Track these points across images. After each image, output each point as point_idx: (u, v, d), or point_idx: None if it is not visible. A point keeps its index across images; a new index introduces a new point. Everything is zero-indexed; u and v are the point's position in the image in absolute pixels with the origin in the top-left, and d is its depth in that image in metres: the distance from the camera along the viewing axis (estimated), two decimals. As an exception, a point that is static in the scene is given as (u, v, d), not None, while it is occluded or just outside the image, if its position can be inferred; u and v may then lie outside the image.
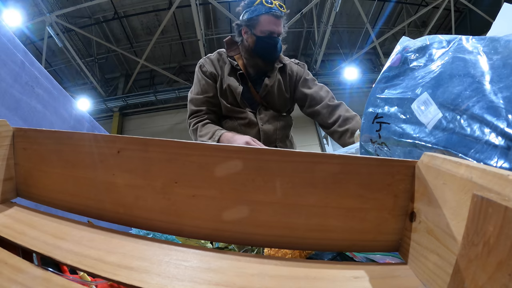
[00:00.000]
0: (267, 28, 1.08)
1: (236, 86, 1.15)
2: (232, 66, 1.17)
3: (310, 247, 0.37)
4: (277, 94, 1.20)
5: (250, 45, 1.12)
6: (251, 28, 1.10)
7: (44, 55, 5.91)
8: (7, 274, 0.26)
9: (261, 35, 1.09)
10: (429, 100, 0.43)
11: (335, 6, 5.41)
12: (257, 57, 1.13)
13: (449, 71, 0.43)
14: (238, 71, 1.17)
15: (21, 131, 0.41)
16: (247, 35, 1.13)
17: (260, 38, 1.09)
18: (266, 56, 1.13)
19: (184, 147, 0.34)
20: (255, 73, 1.18)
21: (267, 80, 1.16)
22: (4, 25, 0.83)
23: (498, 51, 0.40)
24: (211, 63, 1.19)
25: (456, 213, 0.23)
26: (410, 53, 0.52)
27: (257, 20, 1.08)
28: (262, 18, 1.07)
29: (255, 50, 1.12)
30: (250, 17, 1.09)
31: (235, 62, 1.17)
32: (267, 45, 1.10)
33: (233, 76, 1.17)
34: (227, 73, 1.16)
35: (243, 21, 1.12)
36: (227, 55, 1.20)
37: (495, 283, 0.16)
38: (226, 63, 1.19)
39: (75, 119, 1.17)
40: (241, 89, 1.14)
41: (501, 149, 0.33)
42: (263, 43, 1.10)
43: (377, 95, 0.53)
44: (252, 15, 1.08)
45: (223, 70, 1.18)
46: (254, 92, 1.18)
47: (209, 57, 1.22)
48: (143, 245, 0.32)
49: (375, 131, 0.50)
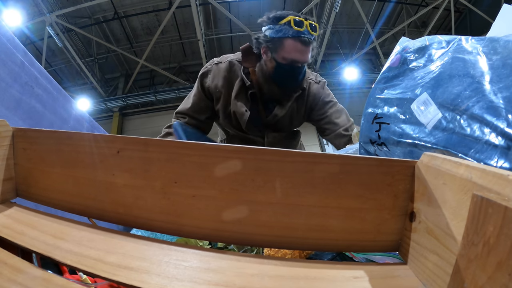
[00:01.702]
0: (291, 56, 0.89)
1: (242, 112, 0.99)
2: (244, 84, 1.00)
3: (310, 247, 0.37)
4: (288, 121, 1.07)
5: (268, 70, 0.94)
6: (272, 51, 0.91)
7: (44, 55, 5.91)
8: (6, 274, 0.26)
9: (283, 62, 0.90)
10: (428, 100, 0.43)
11: (335, 6, 5.41)
12: (274, 84, 0.95)
13: (449, 71, 0.43)
14: (250, 89, 1.00)
15: (21, 131, 0.41)
16: (266, 56, 0.94)
17: (280, 65, 0.91)
18: (285, 86, 0.96)
19: (184, 147, 0.34)
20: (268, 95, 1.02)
21: (277, 110, 1.01)
22: (4, 25, 0.83)
23: (497, 51, 0.40)
24: (218, 74, 1.02)
25: (456, 213, 0.23)
26: (410, 54, 0.52)
27: (280, 43, 0.89)
28: (287, 43, 0.88)
29: (273, 76, 0.94)
30: (273, 36, 0.90)
31: (248, 81, 0.99)
32: (288, 75, 0.93)
33: (243, 95, 1.00)
34: (235, 94, 1.00)
35: (264, 39, 0.93)
36: (241, 66, 1.01)
37: (495, 283, 0.16)
38: (238, 78, 1.00)
39: (75, 119, 1.17)
40: (248, 116, 0.99)
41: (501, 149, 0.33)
42: (283, 72, 0.92)
43: (377, 96, 0.53)
44: (276, 35, 0.89)
45: (231, 86, 1.00)
46: (263, 115, 1.04)
47: (218, 65, 1.03)
48: (143, 245, 0.32)
49: (374, 132, 0.50)
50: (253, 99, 1.02)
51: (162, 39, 6.74)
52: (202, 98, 1.05)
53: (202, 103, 1.05)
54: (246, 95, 1.00)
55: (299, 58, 0.90)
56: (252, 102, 1.01)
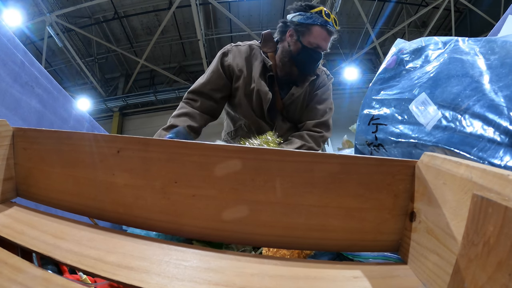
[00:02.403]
0: (317, 41, 1.00)
1: (266, 92, 1.05)
2: (265, 65, 1.07)
3: (310, 247, 0.37)
4: (300, 105, 1.12)
5: (292, 51, 1.03)
6: (299, 34, 1.01)
7: (44, 55, 5.91)
8: (7, 274, 0.26)
9: (308, 46, 1.01)
10: (427, 100, 0.43)
11: (335, 6, 5.40)
12: (295, 66, 1.05)
13: (447, 71, 0.43)
14: (269, 72, 1.07)
15: (21, 131, 0.41)
16: (292, 39, 1.03)
17: (305, 48, 1.01)
18: (305, 68, 1.06)
19: (184, 147, 0.34)
20: (285, 78, 1.09)
21: (294, 89, 1.09)
22: (4, 25, 0.83)
23: (495, 52, 0.40)
24: (238, 54, 1.08)
25: (456, 213, 0.23)
26: (406, 55, 0.52)
27: (309, 29, 1.00)
28: (315, 29, 1.00)
29: (295, 58, 1.03)
30: (303, 22, 1.01)
31: (269, 61, 1.06)
32: (310, 59, 1.03)
33: (263, 78, 1.07)
34: (258, 72, 1.06)
35: (293, 23, 1.03)
36: (260, 49, 1.09)
37: (495, 283, 0.16)
38: (258, 59, 1.08)
39: (75, 119, 1.17)
40: (271, 96, 1.06)
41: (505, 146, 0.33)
42: (306, 55, 1.02)
43: (373, 97, 0.53)
44: (306, 21, 1.00)
45: (252, 67, 1.07)
46: (279, 98, 1.10)
47: (238, 47, 1.10)
48: (143, 245, 0.32)
49: (371, 133, 0.50)
50: (270, 82, 1.08)
51: (162, 39, 6.73)
52: (221, 76, 1.07)
53: (221, 81, 1.07)
54: (265, 77, 1.07)
55: (323, 44, 1.01)
56: (269, 84, 1.07)
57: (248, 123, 1.13)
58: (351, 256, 0.44)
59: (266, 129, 1.10)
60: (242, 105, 1.10)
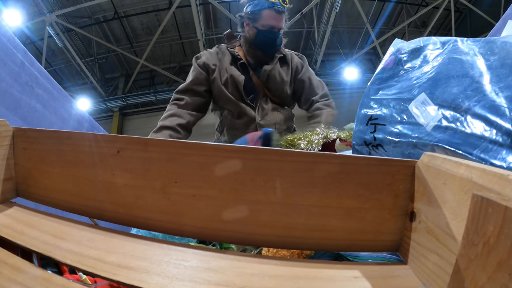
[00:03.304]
0: (268, 22, 1.12)
1: (237, 75, 1.18)
2: (233, 56, 1.21)
3: (310, 247, 0.37)
4: (278, 79, 1.23)
5: (251, 37, 1.17)
6: (253, 21, 1.15)
7: (44, 55, 5.91)
8: (7, 274, 0.26)
9: (262, 29, 1.13)
10: (427, 100, 0.43)
11: (335, 6, 5.41)
12: (257, 49, 1.18)
13: (446, 71, 0.43)
14: (239, 60, 1.20)
15: (21, 131, 0.41)
16: (248, 27, 1.17)
17: (260, 31, 1.14)
18: (266, 49, 1.18)
19: (184, 147, 0.34)
20: (255, 63, 1.22)
21: (266, 66, 1.20)
22: (4, 25, 0.83)
23: (494, 52, 0.40)
24: (208, 54, 1.23)
25: (456, 213, 0.23)
26: (404, 55, 0.52)
27: (259, 14, 1.12)
28: (264, 13, 1.12)
29: (255, 42, 1.16)
30: (253, 10, 1.14)
31: (236, 52, 1.21)
32: (267, 39, 1.15)
33: (234, 66, 1.20)
34: (228, 63, 1.20)
35: (246, 14, 1.17)
36: (226, 47, 1.24)
37: (495, 283, 0.16)
38: (226, 55, 1.22)
39: (75, 119, 1.17)
40: (243, 78, 1.17)
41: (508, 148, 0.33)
42: (263, 37, 1.14)
43: (371, 97, 0.53)
44: (255, 8, 1.13)
45: (223, 61, 1.21)
46: (256, 80, 1.21)
47: (207, 50, 1.26)
48: (143, 245, 0.32)
49: (369, 133, 0.50)
50: (244, 69, 1.21)
51: (162, 39, 6.73)
52: (200, 72, 1.20)
53: (201, 75, 1.20)
54: (237, 65, 1.21)
55: (274, 24, 1.13)
56: (243, 71, 1.21)
57: (231, 109, 1.22)
58: (351, 258, 0.44)
59: (248, 112, 1.20)
60: (222, 94, 1.20)
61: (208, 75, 1.20)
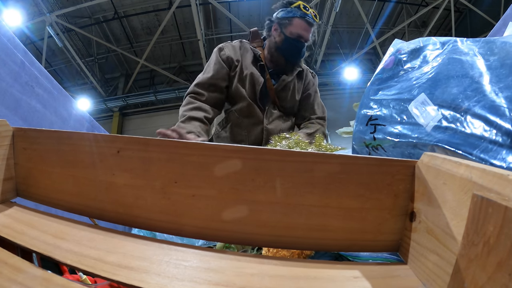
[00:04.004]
0: (297, 31, 1.12)
1: (258, 75, 1.17)
2: (255, 55, 1.20)
3: (310, 247, 0.37)
4: (291, 92, 1.24)
5: (277, 43, 1.16)
6: (282, 27, 1.14)
7: (44, 55, 5.91)
8: (7, 274, 0.26)
9: (290, 36, 1.13)
10: (427, 100, 0.43)
11: (335, 6, 5.40)
12: (281, 55, 1.17)
13: (446, 72, 0.43)
14: (260, 62, 1.19)
15: (21, 131, 0.41)
16: (276, 32, 1.16)
17: (288, 38, 1.13)
18: (289, 57, 1.17)
19: (184, 147, 0.34)
20: (274, 69, 1.22)
21: (285, 77, 1.21)
22: (4, 25, 0.83)
23: (494, 52, 0.40)
24: (232, 48, 1.21)
25: (456, 213, 0.23)
26: (404, 55, 0.52)
27: (290, 21, 1.12)
28: (295, 21, 1.12)
29: (280, 48, 1.16)
30: (284, 16, 1.13)
31: (258, 52, 1.20)
32: (293, 47, 1.15)
33: (254, 66, 1.19)
34: (250, 61, 1.19)
35: (276, 18, 1.16)
36: (250, 44, 1.23)
37: (495, 283, 0.16)
38: (248, 52, 1.21)
39: (75, 119, 1.17)
40: (263, 81, 1.17)
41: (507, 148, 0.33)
42: (289, 44, 1.14)
43: (371, 97, 0.53)
44: (287, 15, 1.13)
45: (245, 57, 1.20)
46: (270, 85, 1.20)
47: (231, 43, 1.24)
48: (143, 245, 0.32)
49: (369, 133, 0.50)
50: (262, 70, 1.20)
51: (162, 39, 6.73)
52: (222, 66, 1.18)
53: (223, 70, 1.18)
54: (257, 66, 1.20)
55: (303, 34, 1.13)
56: (261, 73, 1.19)
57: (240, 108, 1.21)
58: (351, 258, 0.44)
59: (257, 113, 1.21)
60: (238, 90, 1.19)
61: (229, 70, 1.19)
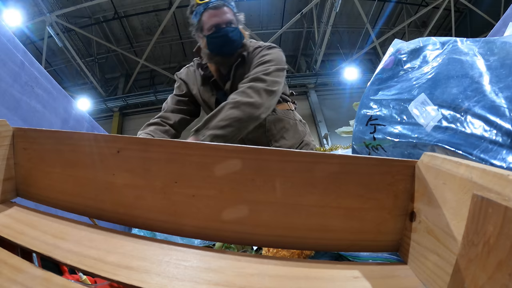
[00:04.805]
0: (210, 23, 1.02)
1: (208, 97, 1.14)
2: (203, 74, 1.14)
3: (310, 247, 0.37)
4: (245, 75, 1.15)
5: (205, 47, 1.07)
6: (200, 31, 1.06)
7: (44, 55, 5.91)
8: (7, 274, 0.26)
9: (209, 33, 1.03)
10: (427, 101, 0.43)
11: (335, 6, 5.40)
12: (216, 55, 1.07)
13: (446, 72, 0.43)
14: (210, 78, 1.13)
15: (21, 131, 0.41)
16: (200, 39, 1.08)
17: (208, 36, 1.03)
18: (222, 51, 1.05)
19: (184, 147, 0.34)
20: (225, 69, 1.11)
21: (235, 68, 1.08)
22: (4, 25, 0.83)
23: (494, 52, 0.40)
24: (186, 72, 1.21)
25: (456, 213, 0.23)
26: (404, 55, 0.52)
27: (200, 21, 1.04)
28: (203, 17, 1.03)
29: (210, 50, 1.06)
30: (195, 20, 1.06)
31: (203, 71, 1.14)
32: (217, 40, 1.03)
33: (207, 86, 1.15)
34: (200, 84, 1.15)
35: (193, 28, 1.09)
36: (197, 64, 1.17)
37: (495, 283, 0.16)
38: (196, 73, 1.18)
39: (75, 119, 1.17)
40: (214, 99, 1.13)
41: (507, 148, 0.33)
42: (212, 40, 1.03)
43: (371, 97, 0.53)
44: (196, 18, 1.05)
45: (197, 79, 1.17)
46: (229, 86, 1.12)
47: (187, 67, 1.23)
48: (143, 245, 0.32)
49: (369, 133, 0.50)
50: (217, 86, 1.14)
51: (162, 39, 6.73)
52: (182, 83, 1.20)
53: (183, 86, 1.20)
54: (210, 85, 1.14)
55: (217, 21, 1.01)
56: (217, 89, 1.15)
57: None
58: (351, 258, 0.44)
59: None
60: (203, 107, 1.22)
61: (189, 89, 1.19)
